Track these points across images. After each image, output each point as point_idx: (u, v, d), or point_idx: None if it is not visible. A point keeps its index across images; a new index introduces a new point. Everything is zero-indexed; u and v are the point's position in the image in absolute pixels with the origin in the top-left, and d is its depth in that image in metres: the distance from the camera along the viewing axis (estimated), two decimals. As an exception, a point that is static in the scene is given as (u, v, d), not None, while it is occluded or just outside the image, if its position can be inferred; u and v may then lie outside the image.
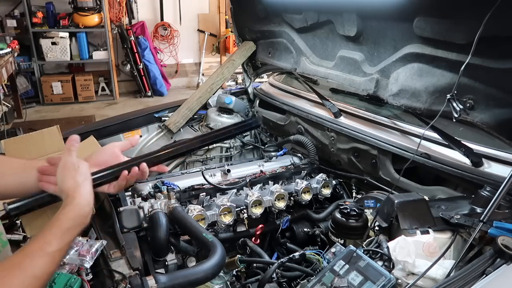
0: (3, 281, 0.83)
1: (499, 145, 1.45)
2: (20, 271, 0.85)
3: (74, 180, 1.01)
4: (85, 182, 1.03)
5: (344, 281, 1.18)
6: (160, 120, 2.49)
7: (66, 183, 1.01)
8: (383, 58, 1.77)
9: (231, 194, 1.87)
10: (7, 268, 0.86)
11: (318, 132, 2.17)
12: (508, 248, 1.05)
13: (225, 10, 7.68)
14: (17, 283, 0.83)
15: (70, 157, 1.05)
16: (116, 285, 1.17)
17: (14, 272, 0.84)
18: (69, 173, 1.02)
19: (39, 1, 6.36)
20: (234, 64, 2.65)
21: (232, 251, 1.83)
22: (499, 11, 1.18)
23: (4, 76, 4.50)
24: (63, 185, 1.01)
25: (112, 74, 6.92)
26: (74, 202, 0.98)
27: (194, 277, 1.16)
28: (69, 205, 0.97)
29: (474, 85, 1.41)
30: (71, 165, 1.03)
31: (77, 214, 0.97)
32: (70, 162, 1.04)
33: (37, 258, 0.88)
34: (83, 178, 1.03)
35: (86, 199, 1.00)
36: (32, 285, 0.85)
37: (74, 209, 0.97)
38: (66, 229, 0.93)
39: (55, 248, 0.90)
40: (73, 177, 1.02)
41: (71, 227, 0.95)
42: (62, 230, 0.93)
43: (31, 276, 0.85)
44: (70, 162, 1.04)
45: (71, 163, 1.04)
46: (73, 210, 0.97)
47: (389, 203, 1.33)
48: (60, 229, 0.93)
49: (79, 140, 1.10)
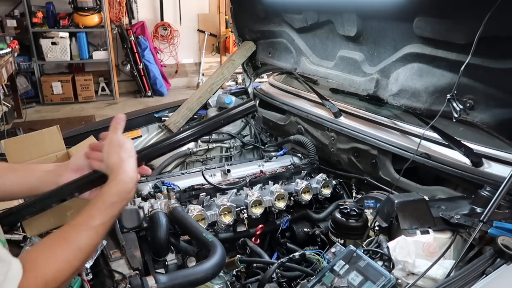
0: (49, 250, 0.87)
1: (499, 145, 1.45)
2: (66, 243, 0.89)
3: (119, 156, 1.04)
4: (129, 158, 1.05)
5: (344, 281, 1.18)
6: (160, 120, 2.49)
7: (111, 159, 1.04)
8: (383, 58, 1.77)
9: (231, 194, 1.87)
10: (54, 239, 0.90)
11: (318, 132, 2.17)
12: (508, 248, 1.05)
13: (225, 10, 7.68)
14: (62, 253, 0.87)
15: (116, 135, 1.08)
16: (116, 285, 1.17)
17: (60, 243, 0.89)
18: (114, 149, 1.05)
19: (39, 1, 6.36)
20: (234, 64, 2.65)
21: (232, 251, 1.83)
22: (499, 11, 1.18)
23: (4, 76, 4.50)
24: (108, 161, 1.04)
25: (112, 74, 6.92)
26: (118, 177, 1.00)
27: (194, 277, 1.16)
28: (113, 181, 1.00)
29: (474, 85, 1.41)
30: (117, 142, 1.06)
31: (121, 189, 0.99)
32: (115, 139, 1.07)
33: (82, 232, 0.91)
34: (127, 155, 1.05)
35: (130, 175, 1.02)
36: (77, 256, 0.88)
37: (118, 185, 1.00)
38: (110, 204, 0.96)
39: (99, 222, 0.93)
40: (117, 153, 1.04)
41: (115, 202, 0.97)
42: (105, 205, 0.96)
43: (76, 248, 0.89)
44: (115, 139, 1.07)
45: (117, 140, 1.07)
46: (116, 186, 1.00)
47: (389, 203, 1.33)
48: (104, 203, 0.96)
49: (125, 119, 1.12)
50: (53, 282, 0.83)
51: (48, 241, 0.91)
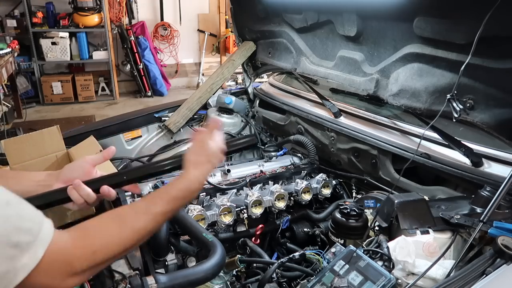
0: (104, 223, 0.90)
1: (499, 145, 1.45)
2: (122, 221, 0.91)
3: (206, 157, 1.08)
4: (208, 164, 1.09)
5: (344, 281, 1.18)
6: (160, 120, 2.49)
7: (197, 156, 1.08)
8: (383, 58, 1.77)
9: (231, 194, 1.87)
10: (111, 216, 0.94)
11: (318, 132, 2.17)
12: (508, 248, 1.05)
13: (225, 10, 7.68)
14: (115, 229, 0.89)
15: (210, 137, 1.11)
16: (116, 285, 1.17)
17: (115, 220, 0.92)
18: (205, 149, 1.09)
19: (39, 1, 6.36)
20: (234, 64, 2.65)
21: (232, 251, 1.83)
22: (499, 11, 1.18)
23: (4, 76, 4.50)
24: (192, 156, 1.08)
25: (112, 74, 6.92)
26: (189, 176, 1.04)
27: (194, 277, 1.16)
28: (184, 178, 1.04)
29: (474, 85, 1.41)
30: (212, 144, 1.10)
31: (187, 187, 1.03)
32: (208, 140, 1.10)
33: (141, 214, 0.94)
34: (212, 160, 1.09)
35: (200, 179, 1.06)
36: (129, 236, 0.90)
37: (186, 182, 1.03)
38: (173, 197, 1.00)
39: (159, 209, 0.96)
40: (206, 154, 1.08)
41: (178, 197, 1.01)
42: (169, 196, 0.99)
43: (130, 228, 0.91)
44: (212, 141, 1.11)
45: (213, 142, 1.10)
46: (184, 183, 1.03)
47: (389, 203, 1.33)
48: (168, 194, 1.00)
49: (222, 124, 1.18)
50: (101, 254, 0.84)
51: (104, 216, 0.93)
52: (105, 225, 0.89)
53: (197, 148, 1.11)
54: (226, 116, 2.59)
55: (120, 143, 2.36)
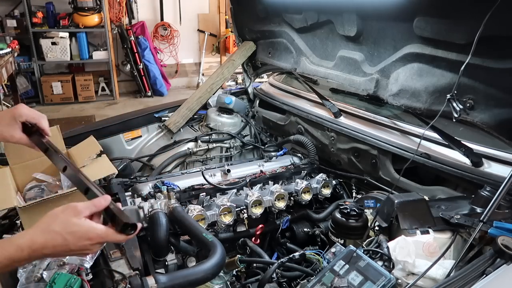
0: None
1: (499, 145, 1.45)
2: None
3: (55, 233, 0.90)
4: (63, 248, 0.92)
5: (344, 281, 1.18)
6: (160, 120, 2.49)
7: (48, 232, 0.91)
8: (383, 58, 1.77)
9: (231, 194, 1.87)
10: None
11: (318, 132, 2.17)
12: (508, 248, 1.05)
13: (225, 10, 7.68)
14: None
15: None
16: (116, 285, 1.17)
17: None
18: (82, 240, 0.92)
19: (39, 1, 6.35)
20: (234, 64, 2.65)
21: (232, 251, 1.83)
22: (499, 11, 1.18)
23: (4, 76, 4.50)
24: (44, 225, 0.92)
25: (112, 74, 6.92)
26: (22, 241, 0.89)
27: (194, 277, 1.16)
28: (14, 243, 0.89)
29: (474, 85, 1.41)
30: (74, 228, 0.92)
31: (11, 256, 0.88)
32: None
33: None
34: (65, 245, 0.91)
35: (36, 253, 0.90)
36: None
37: (12, 250, 0.88)
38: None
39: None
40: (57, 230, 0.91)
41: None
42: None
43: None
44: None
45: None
46: (10, 250, 0.88)
47: (389, 203, 1.33)
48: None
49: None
50: None
51: None
52: None
53: (61, 226, 0.90)
54: (226, 116, 2.59)
55: (120, 143, 2.37)
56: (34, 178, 1.77)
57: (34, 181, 1.77)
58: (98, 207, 0.95)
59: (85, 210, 0.93)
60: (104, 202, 0.96)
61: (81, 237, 0.90)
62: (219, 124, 2.55)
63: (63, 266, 1.20)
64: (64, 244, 0.90)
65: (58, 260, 1.21)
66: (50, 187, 1.73)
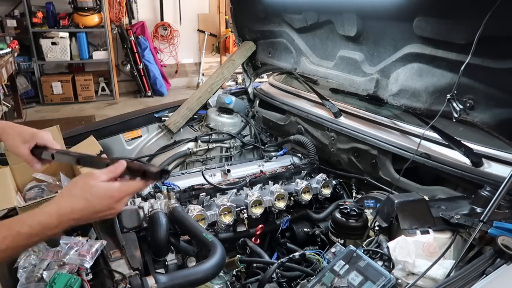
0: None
1: (499, 145, 1.45)
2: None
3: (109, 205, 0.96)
4: (92, 215, 0.96)
5: (344, 281, 1.17)
6: (160, 120, 2.49)
7: (71, 198, 0.94)
8: (383, 58, 1.77)
9: (231, 194, 1.87)
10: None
11: (318, 132, 2.17)
12: (508, 248, 1.05)
13: (225, 10, 7.68)
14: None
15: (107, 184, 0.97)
16: (116, 285, 1.16)
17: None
18: (85, 193, 0.95)
19: (39, 1, 6.35)
20: (234, 64, 2.65)
21: (232, 251, 1.83)
22: (499, 11, 1.18)
23: (4, 76, 4.50)
24: (68, 193, 0.96)
25: (112, 74, 6.92)
26: (48, 210, 0.92)
27: (194, 277, 1.16)
28: (41, 211, 0.92)
29: (474, 85, 1.41)
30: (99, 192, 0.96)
31: (41, 223, 0.90)
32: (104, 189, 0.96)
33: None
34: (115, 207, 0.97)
35: (62, 218, 0.92)
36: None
37: (41, 217, 0.91)
38: (16, 233, 0.88)
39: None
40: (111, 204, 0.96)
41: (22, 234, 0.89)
42: (9, 231, 0.87)
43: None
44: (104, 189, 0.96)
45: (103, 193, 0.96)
46: (38, 217, 0.91)
47: (389, 203, 1.33)
48: (8, 229, 0.88)
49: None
50: None
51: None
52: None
53: (82, 190, 0.95)
54: (226, 116, 2.59)
55: (120, 143, 2.37)
56: (34, 178, 1.77)
57: (34, 181, 1.77)
58: (115, 171, 0.99)
59: (102, 175, 0.97)
60: (120, 166, 0.99)
61: (102, 197, 0.95)
62: (219, 124, 2.55)
63: (63, 266, 1.20)
64: (89, 205, 0.94)
65: (58, 260, 1.21)
66: (50, 187, 1.73)
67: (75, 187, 0.96)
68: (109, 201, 0.96)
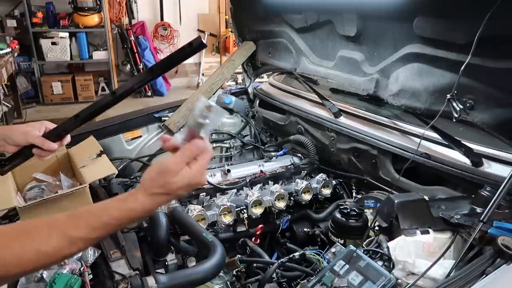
0: (6, 238, 0.75)
1: (499, 145, 1.45)
2: (27, 238, 0.75)
3: (158, 185, 0.85)
4: (168, 196, 0.86)
5: (344, 281, 1.18)
6: (160, 120, 2.49)
7: (150, 181, 0.85)
8: (383, 58, 1.77)
9: (231, 194, 1.87)
10: (20, 229, 0.78)
11: (318, 132, 2.17)
12: (508, 248, 1.05)
13: (225, 10, 7.68)
14: (16, 248, 0.74)
15: (189, 162, 0.87)
16: (116, 285, 1.17)
17: (22, 235, 0.75)
18: (167, 176, 0.85)
19: (39, 1, 6.35)
20: (234, 64, 2.65)
21: (232, 251, 1.83)
22: (499, 11, 1.18)
23: (4, 76, 4.50)
24: (149, 177, 0.86)
25: (112, 74, 6.92)
26: (135, 203, 0.83)
27: (194, 277, 1.16)
28: (126, 203, 0.83)
29: (474, 85, 1.41)
30: (179, 171, 0.86)
31: (126, 216, 0.83)
32: (183, 166, 0.87)
33: (54, 235, 0.76)
34: (169, 190, 0.85)
35: (147, 209, 0.85)
36: (32, 259, 0.75)
37: (127, 211, 0.83)
38: (103, 223, 0.81)
39: (80, 235, 0.78)
40: (161, 181, 0.85)
41: (110, 225, 0.82)
42: (98, 222, 0.80)
43: (35, 249, 0.75)
44: (183, 166, 0.86)
45: (183, 170, 0.86)
46: (123, 210, 0.83)
47: (389, 203, 1.33)
48: (98, 219, 0.80)
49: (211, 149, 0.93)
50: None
51: (13, 227, 0.82)
52: (4, 239, 0.74)
53: (164, 172, 0.85)
54: (226, 116, 2.59)
55: (120, 143, 2.36)
56: (34, 178, 1.77)
57: (34, 181, 1.77)
58: (167, 146, 0.91)
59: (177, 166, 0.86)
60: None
61: (187, 185, 0.87)
62: (219, 124, 2.55)
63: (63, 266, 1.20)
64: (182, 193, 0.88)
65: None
66: (50, 187, 1.73)
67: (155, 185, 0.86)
68: (189, 182, 0.86)
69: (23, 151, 1.20)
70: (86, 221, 0.80)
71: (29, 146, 1.19)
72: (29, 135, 1.19)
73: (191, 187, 0.89)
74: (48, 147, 1.19)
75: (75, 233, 0.78)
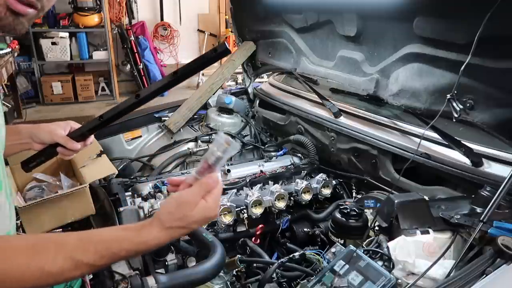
0: (13, 251, 0.73)
1: (499, 145, 1.45)
2: (34, 254, 0.74)
3: (175, 219, 0.82)
4: (182, 230, 0.84)
5: (344, 281, 1.17)
6: (160, 120, 2.49)
7: (167, 215, 0.83)
8: (383, 58, 1.77)
9: (231, 194, 1.87)
10: (28, 243, 0.76)
11: (318, 132, 2.17)
12: (508, 248, 1.05)
13: (225, 10, 7.68)
14: (22, 263, 0.72)
15: (205, 195, 0.85)
16: (116, 285, 1.17)
17: (29, 250, 0.74)
18: (184, 209, 0.83)
19: (39, 1, 6.35)
20: (234, 64, 2.65)
21: (232, 251, 1.83)
22: (499, 11, 1.18)
23: (4, 76, 4.50)
24: (165, 211, 0.84)
25: (112, 74, 6.92)
26: (148, 236, 0.81)
27: (194, 277, 1.16)
28: (139, 235, 0.81)
29: (474, 85, 1.41)
30: (194, 205, 0.84)
31: (136, 248, 0.81)
32: (199, 199, 0.84)
33: (60, 256, 0.75)
34: (184, 225, 0.83)
35: (160, 243, 0.82)
36: (35, 276, 0.73)
37: (138, 244, 0.81)
38: (112, 253, 0.79)
39: (87, 260, 0.77)
40: (178, 216, 0.82)
41: (118, 255, 0.80)
42: (107, 251, 0.79)
43: (40, 268, 0.73)
44: (199, 200, 0.84)
45: (199, 204, 0.84)
46: (134, 243, 0.80)
47: (389, 203, 1.33)
48: (107, 248, 0.79)
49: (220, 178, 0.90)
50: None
51: (21, 239, 0.82)
52: (12, 252, 0.73)
53: (183, 205, 0.83)
54: (226, 116, 2.59)
55: (120, 143, 2.37)
56: (34, 178, 1.77)
57: (34, 181, 1.77)
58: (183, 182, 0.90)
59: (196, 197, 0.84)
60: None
61: (203, 217, 0.85)
62: (219, 124, 2.55)
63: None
64: (196, 226, 0.86)
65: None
66: (50, 187, 1.73)
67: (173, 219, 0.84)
68: (186, 207, 0.83)
69: (47, 149, 1.21)
70: (95, 247, 0.78)
71: (54, 144, 1.20)
72: (55, 133, 1.20)
73: (207, 220, 0.87)
74: (71, 146, 1.21)
75: (82, 258, 0.76)
